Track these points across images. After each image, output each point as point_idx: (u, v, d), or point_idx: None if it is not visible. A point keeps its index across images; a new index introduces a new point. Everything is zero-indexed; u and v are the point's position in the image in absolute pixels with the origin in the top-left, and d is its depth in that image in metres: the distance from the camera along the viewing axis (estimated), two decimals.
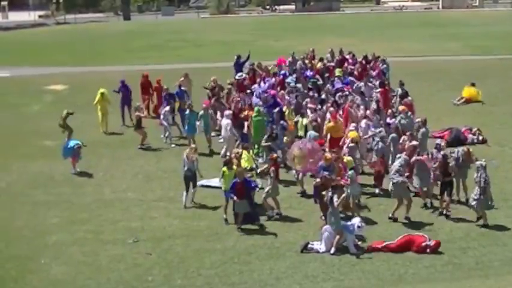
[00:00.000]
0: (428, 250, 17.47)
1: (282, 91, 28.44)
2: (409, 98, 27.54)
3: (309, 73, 31.76)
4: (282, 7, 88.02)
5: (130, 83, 31.01)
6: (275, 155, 21.03)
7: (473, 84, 33.01)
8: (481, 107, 32.03)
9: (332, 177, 19.09)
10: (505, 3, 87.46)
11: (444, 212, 19.67)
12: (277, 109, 25.43)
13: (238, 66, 33.67)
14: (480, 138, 26.47)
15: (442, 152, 20.05)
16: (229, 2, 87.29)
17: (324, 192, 18.73)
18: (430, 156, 20.47)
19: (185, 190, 21.00)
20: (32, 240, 19.02)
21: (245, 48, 47.51)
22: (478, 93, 32.70)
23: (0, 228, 19.94)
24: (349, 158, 20.43)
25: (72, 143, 24.53)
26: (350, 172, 19.51)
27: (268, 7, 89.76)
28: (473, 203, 18.84)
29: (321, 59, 34.25)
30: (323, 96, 27.67)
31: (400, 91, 28.78)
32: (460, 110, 31.13)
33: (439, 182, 20.02)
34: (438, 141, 21.28)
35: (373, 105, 25.94)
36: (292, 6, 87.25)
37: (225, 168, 19.85)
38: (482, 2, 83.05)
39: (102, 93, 29.02)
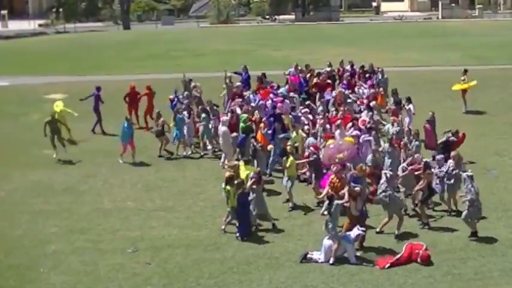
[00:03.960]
0: (418, 259, 17.46)
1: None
2: (408, 106, 27.65)
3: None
4: (281, 17, 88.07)
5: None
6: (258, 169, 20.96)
7: (465, 71, 33.05)
8: (482, 117, 32.03)
9: (359, 190, 18.54)
10: (504, 13, 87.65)
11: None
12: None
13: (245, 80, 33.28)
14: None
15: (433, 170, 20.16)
16: (229, 12, 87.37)
17: (347, 203, 18.33)
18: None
19: None
20: (31, 249, 19.01)
21: (245, 57, 47.64)
22: (466, 81, 32.69)
23: None
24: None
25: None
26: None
27: (267, 17, 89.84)
28: (463, 216, 18.82)
29: (318, 74, 33.92)
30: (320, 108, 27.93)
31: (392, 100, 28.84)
32: (460, 120, 31.11)
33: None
34: (435, 154, 21.30)
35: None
36: (292, 16, 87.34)
37: (228, 187, 19.49)
38: (481, 12, 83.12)
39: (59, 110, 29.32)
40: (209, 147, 27.03)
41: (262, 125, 25.04)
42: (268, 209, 20.08)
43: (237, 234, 19.21)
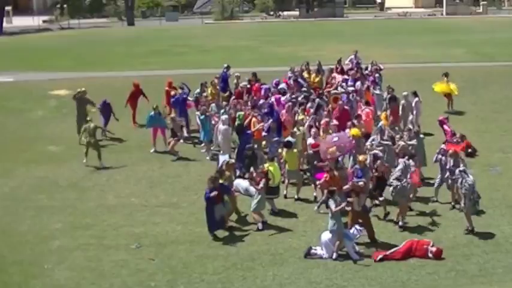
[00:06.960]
0: (430, 255, 17.49)
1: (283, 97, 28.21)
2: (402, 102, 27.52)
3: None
4: (285, 13, 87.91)
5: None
6: (265, 168, 20.65)
7: (445, 75, 32.62)
8: (485, 113, 31.95)
9: (362, 185, 18.65)
10: (508, 9, 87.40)
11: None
12: (270, 121, 24.99)
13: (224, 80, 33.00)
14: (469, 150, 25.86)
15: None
16: (233, 8, 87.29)
17: (350, 199, 18.45)
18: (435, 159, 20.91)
19: None
20: (35, 245, 19.07)
21: (249, 54, 47.66)
22: (450, 87, 32.37)
23: (3, 233, 20.01)
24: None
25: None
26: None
27: (272, 13, 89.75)
28: (462, 208, 18.91)
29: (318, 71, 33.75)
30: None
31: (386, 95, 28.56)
32: (463, 116, 31.09)
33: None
34: (443, 146, 21.45)
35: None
36: (296, 12, 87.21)
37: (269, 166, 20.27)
38: (486, 9, 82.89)
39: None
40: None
41: (254, 119, 24.87)
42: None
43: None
